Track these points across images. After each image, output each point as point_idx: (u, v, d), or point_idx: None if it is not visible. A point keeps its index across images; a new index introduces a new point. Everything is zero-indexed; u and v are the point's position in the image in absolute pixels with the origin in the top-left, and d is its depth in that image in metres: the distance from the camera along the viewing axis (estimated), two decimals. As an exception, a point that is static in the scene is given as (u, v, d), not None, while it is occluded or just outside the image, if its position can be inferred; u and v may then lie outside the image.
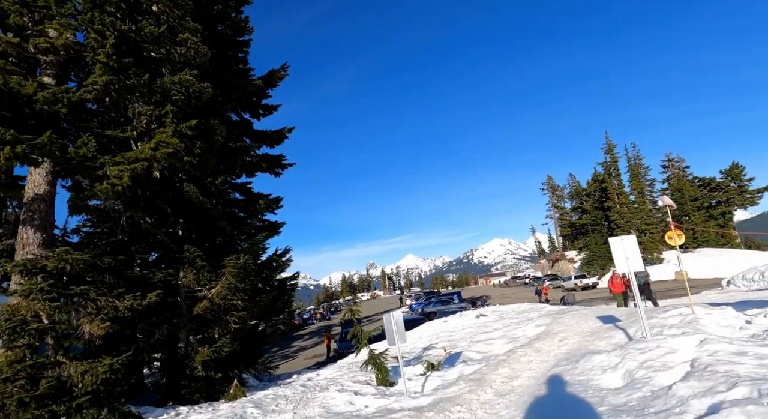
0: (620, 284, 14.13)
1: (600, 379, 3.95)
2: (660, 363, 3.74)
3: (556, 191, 70.42)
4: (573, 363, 4.62)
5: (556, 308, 11.27)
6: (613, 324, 6.23)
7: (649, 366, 3.70)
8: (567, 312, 9.33)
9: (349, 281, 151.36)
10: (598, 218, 44.60)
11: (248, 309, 10.08)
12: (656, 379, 3.38)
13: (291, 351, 27.54)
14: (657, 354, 3.95)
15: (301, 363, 21.83)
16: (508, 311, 13.26)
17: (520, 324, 9.92)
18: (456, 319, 13.40)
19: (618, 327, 5.79)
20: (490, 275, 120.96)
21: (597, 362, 4.34)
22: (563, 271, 53.48)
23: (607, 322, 6.46)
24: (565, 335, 6.39)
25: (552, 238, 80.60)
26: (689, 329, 4.50)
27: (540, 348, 5.95)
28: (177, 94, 7.91)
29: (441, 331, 12.10)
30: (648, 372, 3.59)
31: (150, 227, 8.44)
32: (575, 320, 7.50)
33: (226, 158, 10.66)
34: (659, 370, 3.55)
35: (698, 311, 5.63)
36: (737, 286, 19.95)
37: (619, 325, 5.94)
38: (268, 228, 12.94)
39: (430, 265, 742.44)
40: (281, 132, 13.38)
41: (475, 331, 10.61)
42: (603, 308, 10.48)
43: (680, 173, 50.57)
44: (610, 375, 3.98)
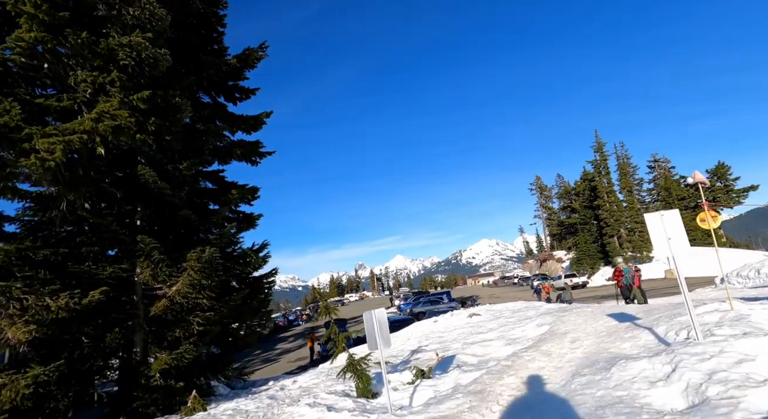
0: (631, 277, 12.85)
1: (649, 396, 3.04)
2: (739, 375, 2.85)
3: (544, 192, 70.48)
4: (601, 372, 3.71)
5: (555, 306, 10.45)
6: (630, 322, 5.38)
7: (725, 380, 2.79)
8: (569, 311, 8.51)
9: (337, 282, 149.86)
10: (587, 217, 44.42)
11: (216, 309, 8.96)
12: (747, 400, 2.48)
13: (274, 353, 26.31)
14: (727, 363, 3.05)
15: (284, 366, 20.66)
16: (502, 310, 12.39)
17: (517, 323, 9.05)
18: (447, 319, 12.49)
19: (639, 326, 4.95)
20: (478, 276, 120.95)
21: (637, 371, 3.45)
22: (551, 271, 53.29)
23: (622, 320, 5.61)
24: (576, 336, 5.52)
25: (540, 238, 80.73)
26: (745, 328, 3.67)
27: (549, 352, 5.05)
28: (126, 59, 6.78)
29: (431, 332, 11.17)
30: (727, 389, 2.68)
31: (89, 215, 7.26)
32: (582, 318, 6.66)
33: (192, 140, 9.53)
34: (744, 386, 2.65)
35: (738, 306, 4.82)
36: (732, 284, 19.53)
37: (640, 323, 5.09)
38: (243, 220, 11.82)
39: (418, 266, 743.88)
40: (258, 117, 12.27)
41: (468, 331, 9.70)
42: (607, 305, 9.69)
43: (666, 173, 50.87)
44: (662, 390, 3.06)
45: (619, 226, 40.78)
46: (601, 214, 41.73)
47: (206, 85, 12.08)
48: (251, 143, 11.94)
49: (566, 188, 57.39)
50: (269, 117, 12.59)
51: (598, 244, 42.85)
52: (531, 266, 68.98)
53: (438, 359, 6.47)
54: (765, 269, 17.78)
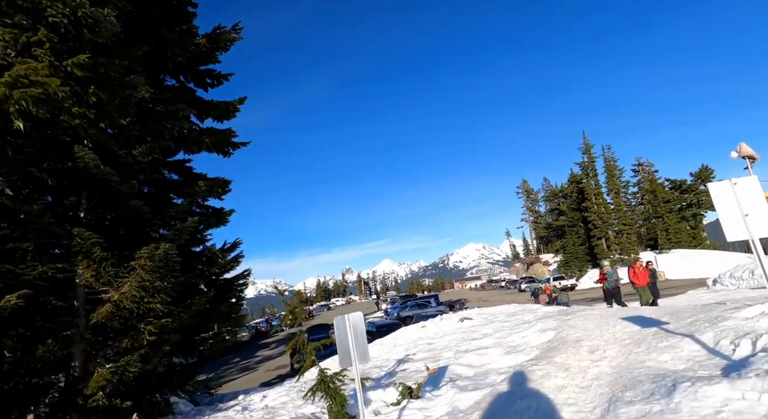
0: (644, 273, 11.70)
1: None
2: None
3: (530, 195, 70.60)
4: (656, 399, 2.77)
5: (554, 309, 9.60)
6: (657, 327, 4.54)
7: None
8: (572, 314, 7.65)
9: (324, 286, 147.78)
10: (575, 220, 44.28)
11: (174, 315, 7.80)
12: None
13: (254, 361, 24.88)
14: None
15: (262, 375, 19.36)
16: (496, 314, 11.49)
17: (515, 328, 8.14)
18: (436, 324, 11.52)
19: (672, 333, 4.09)
20: (465, 279, 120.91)
21: (719, 401, 2.53)
22: (538, 274, 53.05)
23: (645, 325, 4.77)
24: (594, 344, 4.64)
25: (527, 241, 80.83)
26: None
27: (567, 365, 4.14)
28: (56, 16, 5.65)
29: (419, 338, 10.18)
30: None
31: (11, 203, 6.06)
32: (592, 322, 5.79)
33: (149, 122, 8.37)
34: None
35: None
36: (725, 285, 19.16)
37: (672, 329, 4.27)
38: (212, 216, 10.66)
39: (406, 270, 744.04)
40: (231, 104, 11.16)
41: (460, 338, 8.74)
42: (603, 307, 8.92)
43: (650, 177, 51.30)
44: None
45: (607, 228, 40.67)
46: (588, 216, 41.58)
47: (172, 67, 10.92)
48: (221, 132, 10.82)
49: (553, 191, 57.41)
50: (243, 104, 11.48)
51: (586, 246, 42.69)
52: (518, 270, 68.83)
53: (429, 373, 5.49)
54: (759, 270, 17.37)
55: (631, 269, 11.94)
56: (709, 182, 39.87)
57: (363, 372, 7.61)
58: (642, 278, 11.60)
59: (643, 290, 11.55)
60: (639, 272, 11.66)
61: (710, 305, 5.05)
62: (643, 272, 11.72)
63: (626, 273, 13.50)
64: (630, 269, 11.95)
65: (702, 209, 44.60)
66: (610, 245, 40.83)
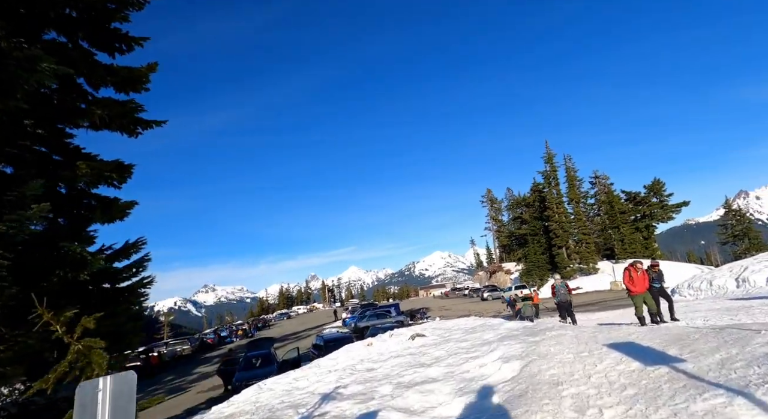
0: (643, 279, 9.29)
1: None
2: None
3: (494, 204, 71.32)
4: None
5: (517, 325, 8.20)
6: (669, 366, 3.09)
7: None
8: (539, 333, 6.25)
9: (287, 293, 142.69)
10: (536, 228, 44.46)
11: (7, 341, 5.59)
12: None
13: (189, 379, 21.97)
14: None
15: (191, 399, 16.77)
16: (452, 329, 9.99)
17: (472, 351, 6.61)
18: (384, 341, 9.84)
19: (703, 380, 2.67)
20: (430, 287, 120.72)
21: None
22: (501, 282, 53.01)
23: (650, 361, 3.23)
24: (580, 393, 3.12)
25: (490, 250, 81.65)
26: None
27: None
28: None
29: (360, 360, 8.44)
30: None
31: None
32: (570, 351, 4.31)
33: None
34: None
35: None
36: (683, 296, 18.92)
37: (696, 372, 2.84)
38: (103, 208, 8.43)
39: (372, 277, 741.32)
40: (135, 70, 9.07)
41: (406, 362, 7.11)
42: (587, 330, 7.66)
43: (607, 189, 52.89)
44: None
45: (568, 237, 41.01)
46: (550, 225, 41.80)
47: (64, 23, 8.73)
48: (119, 104, 8.67)
49: (516, 200, 57.96)
50: (154, 72, 9.40)
51: (547, 255, 42.86)
52: (481, 278, 68.93)
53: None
54: (717, 281, 17.26)
55: (626, 273, 9.59)
56: (660, 195, 41.20)
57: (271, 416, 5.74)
58: (639, 283, 9.27)
59: (641, 298, 9.26)
60: (636, 276, 9.30)
61: (726, 330, 3.74)
62: (640, 277, 9.35)
63: (564, 292, 12.69)
64: (625, 273, 9.61)
65: (654, 221, 46.24)
66: (570, 255, 41.16)
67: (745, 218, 47.41)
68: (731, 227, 45.86)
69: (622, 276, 9.76)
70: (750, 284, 15.61)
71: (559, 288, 12.37)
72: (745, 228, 45.08)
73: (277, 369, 14.63)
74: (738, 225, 45.44)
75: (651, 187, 46.01)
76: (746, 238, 44.16)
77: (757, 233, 45.47)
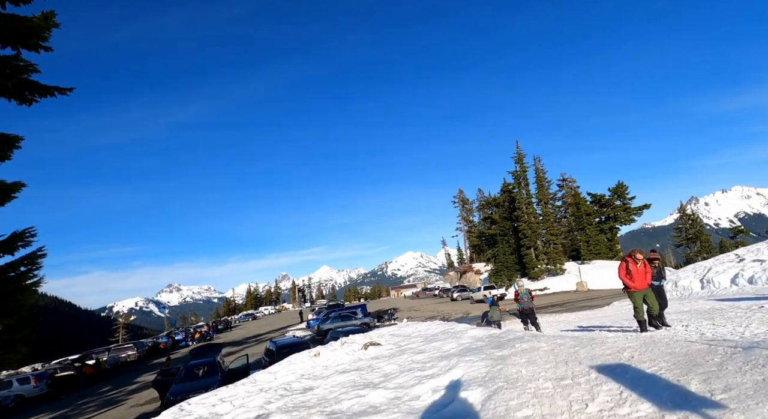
0: (643, 272, 7.47)
1: None
2: None
3: (466, 205, 71.47)
4: None
5: (482, 333, 7.15)
6: (698, 414, 2.16)
7: None
8: (507, 346, 5.20)
9: (254, 293, 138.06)
10: (506, 229, 44.48)
11: None
12: None
13: (127, 390, 19.76)
14: None
15: (121, 414, 14.82)
16: (412, 336, 8.87)
17: (429, 367, 5.48)
18: (335, 350, 8.58)
19: None
20: (401, 287, 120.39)
21: None
22: (471, 283, 52.95)
23: (665, 400, 2.33)
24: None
25: (461, 251, 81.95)
26: None
27: None
28: None
29: (302, 376, 7.17)
30: None
31: None
32: (547, 376, 3.30)
33: None
34: None
35: None
36: (648, 296, 18.76)
37: None
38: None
39: (345, 277, 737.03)
40: (27, 20, 7.32)
41: (351, 381, 5.89)
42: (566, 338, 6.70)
43: (573, 192, 53.98)
44: None
45: (536, 238, 41.18)
46: (519, 225, 41.85)
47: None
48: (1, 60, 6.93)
49: (487, 200, 58.12)
50: (57, 27, 7.66)
51: (516, 256, 42.93)
52: (452, 278, 68.91)
53: None
54: (682, 282, 17.18)
55: (623, 265, 7.68)
56: (623, 197, 42.15)
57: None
58: (639, 278, 7.46)
59: (641, 296, 7.48)
60: (635, 269, 7.48)
61: (754, 351, 2.77)
62: (641, 271, 7.49)
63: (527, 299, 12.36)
64: (622, 265, 7.74)
65: (618, 223, 47.40)
66: (538, 255, 41.35)
67: (697, 222, 49.63)
68: (685, 230, 47.82)
69: (618, 270, 7.85)
70: (714, 286, 15.50)
71: (522, 295, 12.09)
72: (697, 232, 47.13)
73: (221, 379, 13.04)
74: (691, 229, 47.44)
75: (615, 190, 47.12)
76: (698, 241, 46.15)
77: (707, 237, 47.70)
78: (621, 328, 9.36)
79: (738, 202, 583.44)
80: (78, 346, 66.52)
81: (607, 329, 9.85)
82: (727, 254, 19.57)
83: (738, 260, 16.50)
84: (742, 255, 17.14)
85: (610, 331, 8.78)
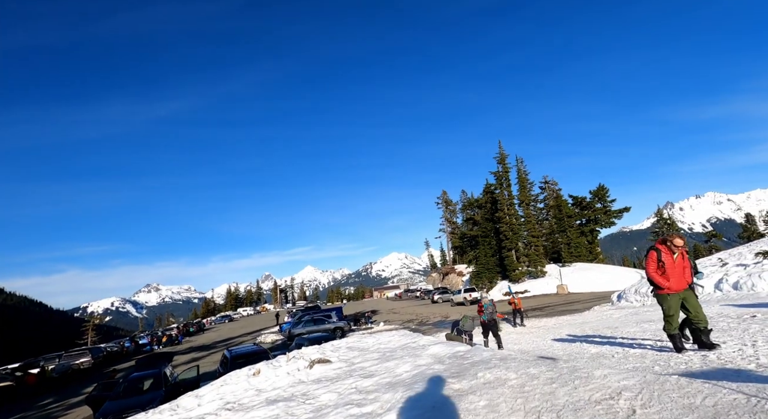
0: (681, 267, 5.22)
1: None
2: None
3: (449, 206, 70.89)
4: None
5: (445, 351, 6.04)
6: None
7: None
8: (468, 372, 4.11)
9: (235, 293, 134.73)
10: (488, 230, 43.89)
11: None
12: None
13: (71, 402, 17.88)
14: None
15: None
16: (370, 350, 7.73)
17: (370, 399, 4.38)
18: (278, 367, 7.36)
19: None
20: (385, 288, 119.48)
21: None
22: (453, 284, 52.28)
23: None
24: None
25: (444, 252, 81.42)
26: None
27: None
28: None
29: (226, 404, 5.93)
30: None
31: None
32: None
33: None
34: None
35: None
36: (629, 302, 18.10)
37: None
38: None
39: (329, 277, 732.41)
40: None
41: (275, 416, 4.67)
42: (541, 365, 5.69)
43: (555, 194, 54.01)
44: None
45: (518, 239, 40.67)
46: (501, 227, 41.27)
47: None
48: None
49: (469, 201, 57.57)
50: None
51: (497, 257, 42.34)
52: (434, 280, 68.24)
53: None
54: (664, 286, 16.60)
55: (652, 256, 5.35)
56: (604, 200, 42.00)
57: None
58: (676, 274, 5.19)
59: (677, 300, 5.19)
60: (670, 262, 5.21)
61: None
62: (678, 265, 5.23)
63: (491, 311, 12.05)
64: (651, 256, 5.38)
65: (598, 226, 47.45)
66: (519, 257, 40.84)
67: (674, 225, 50.20)
68: (662, 234, 48.25)
69: (646, 263, 5.50)
70: (697, 291, 14.79)
71: (487, 307, 11.92)
72: (675, 235, 47.51)
73: (165, 394, 11.60)
74: (668, 233, 47.92)
75: (596, 192, 47.18)
76: (675, 245, 46.51)
77: (683, 241, 48.12)
78: (631, 340, 7.38)
79: (710, 207, 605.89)
80: (48, 349, 62.84)
81: (609, 341, 7.80)
82: (709, 258, 19.11)
83: (721, 265, 15.95)
84: (725, 259, 16.62)
85: (613, 344, 7.30)
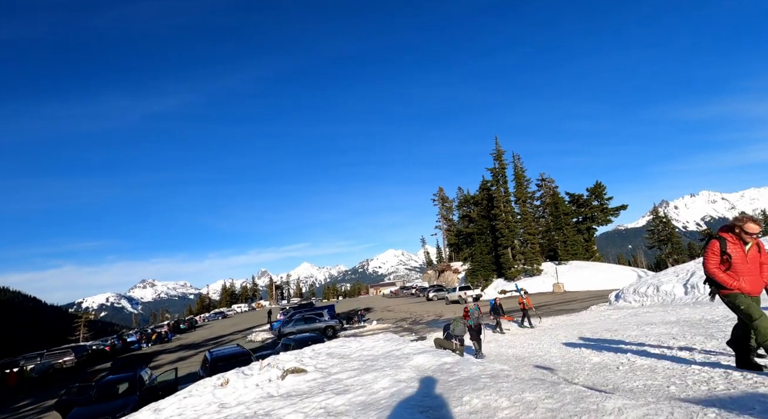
0: (755, 264, 3.92)
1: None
2: None
3: (445, 203, 70.36)
4: None
5: (431, 362, 5.39)
6: None
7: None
8: (453, 392, 3.49)
9: (230, 290, 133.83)
10: (484, 227, 43.33)
11: None
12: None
13: (47, 405, 17.19)
14: None
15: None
16: (351, 357, 7.08)
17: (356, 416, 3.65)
18: (248, 377, 6.69)
19: None
20: (381, 285, 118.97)
21: None
22: (449, 282, 51.75)
23: None
24: None
25: (440, 249, 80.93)
26: None
27: None
28: None
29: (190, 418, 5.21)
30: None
31: None
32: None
33: None
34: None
35: None
36: (628, 301, 17.54)
37: None
38: None
39: (325, 274, 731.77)
40: None
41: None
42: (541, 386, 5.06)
43: (552, 192, 53.50)
44: None
45: (514, 237, 40.14)
46: (497, 224, 40.70)
47: None
48: None
49: (465, 198, 56.98)
50: None
51: (493, 255, 41.81)
52: (430, 277, 67.73)
53: None
54: (664, 286, 16.00)
55: (715, 246, 4.07)
56: (601, 198, 41.56)
57: None
58: (750, 274, 3.96)
59: (748, 303, 3.91)
60: (741, 256, 3.97)
61: None
62: (752, 258, 3.97)
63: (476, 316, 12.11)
64: (712, 247, 4.09)
65: (595, 223, 47.01)
66: (515, 255, 40.32)
67: (669, 224, 49.86)
68: (657, 232, 47.91)
69: (706, 256, 4.22)
70: (699, 291, 14.30)
71: (472, 312, 12.20)
72: (669, 234, 47.30)
73: (139, 399, 10.93)
74: (663, 231, 47.58)
75: (593, 190, 46.70)
76: (670, 243, 46.30)
77: (678, 239, 47.98)
78: (635, 346, 6.83)
79: (704, 206, 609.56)
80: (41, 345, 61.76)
81: (610, 346, 7.07)
82: (709, 258, 18.51)
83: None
84: (727, 259, 16.02)
85: (615, 351, 6.58)
